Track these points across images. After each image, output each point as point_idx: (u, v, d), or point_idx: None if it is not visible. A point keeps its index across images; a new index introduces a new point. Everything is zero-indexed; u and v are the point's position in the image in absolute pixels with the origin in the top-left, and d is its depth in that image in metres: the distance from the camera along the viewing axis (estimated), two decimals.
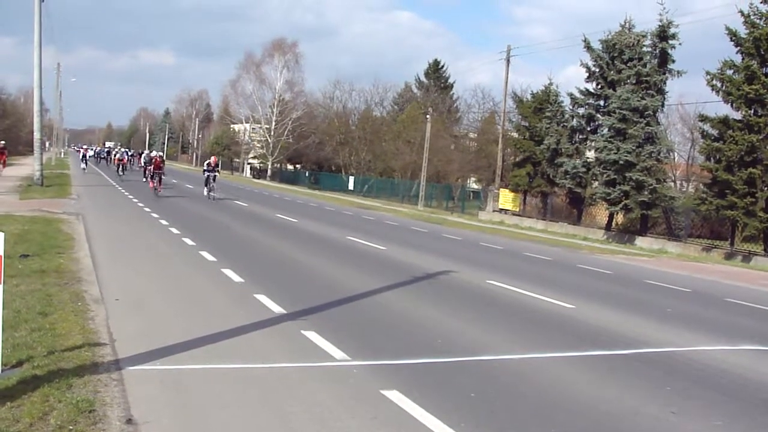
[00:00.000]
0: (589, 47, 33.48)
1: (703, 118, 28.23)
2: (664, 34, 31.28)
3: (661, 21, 31.20)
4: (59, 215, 16.84)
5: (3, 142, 38.21)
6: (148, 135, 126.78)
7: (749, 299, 13.45)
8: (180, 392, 5.21)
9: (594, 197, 32.62)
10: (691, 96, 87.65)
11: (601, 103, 33.57)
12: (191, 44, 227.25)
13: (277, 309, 8.14)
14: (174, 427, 4.57)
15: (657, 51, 31.62)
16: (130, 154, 58.62)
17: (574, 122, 35.17)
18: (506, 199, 38.61)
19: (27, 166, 41.89)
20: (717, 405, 5.93)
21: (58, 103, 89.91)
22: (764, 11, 25.49)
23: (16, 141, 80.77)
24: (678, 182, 45.39)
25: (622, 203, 30.05)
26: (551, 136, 35.16)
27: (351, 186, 54.88)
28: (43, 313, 6.79)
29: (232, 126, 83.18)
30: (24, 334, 6.03)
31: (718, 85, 26.42)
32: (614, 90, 31.49)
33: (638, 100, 30.11)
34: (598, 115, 33.46)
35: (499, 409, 5.32)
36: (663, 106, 32.47)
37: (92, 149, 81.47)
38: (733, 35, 26.12)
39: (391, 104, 67.25)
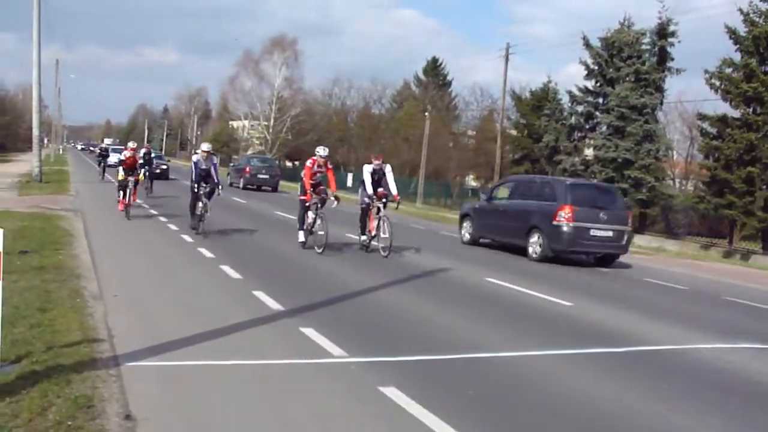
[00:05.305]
0: (588, 45, 33.47)
1: (702, 117, 28.25)
2: (663, 32, 31.29)
3: (660, 19, 31.22)
4: (58, 212, 16.83)
5: None
6: (146, 132, 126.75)
7: (747, 297, 13.46)
8: (179, 388, 5.22)
9: None
10: (691, 94, 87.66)
11: (600, 100, 33.58)
12: (193, 42, 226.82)
13: (275, 306, 8.14)
14: (173, 423, 4.58)
15: (656, 49, 31.63)
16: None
17: (573, 120, 35.17)
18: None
19: (26, 163, 41.87)
20: (714, 403, 5.95)
21: (57, 99, 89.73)
22: (764, 9, 25.50)
23: (14, 137, 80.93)
24: (677, 180, 45.42)
25: None
26: (550, 133, 35.17)
27: (350, 183, 54.83)
28: (41, 309, 6.79)
29: (230, 123, 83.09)
30: (23, 330, 6.03)
31: (717, 83, 26.44)
32: (613, 88, 31.50)
33: (637, 98, 30.13)
34: (597, 113, 33.46)
35: (497, 406, 5.33)
36: (662, 104, 32.52)
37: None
38: (732, 33, 26.13)
39: (389, 102, 67.26)
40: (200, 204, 14.37)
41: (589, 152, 34.31)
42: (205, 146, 15.03)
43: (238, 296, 8.72)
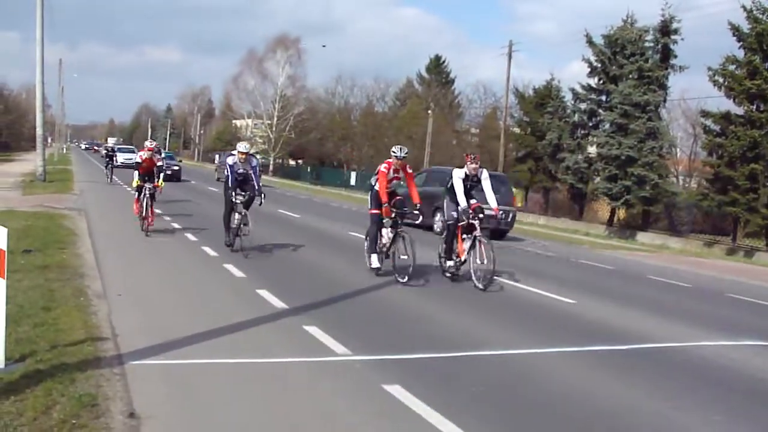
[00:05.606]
0: (591, 42, 33.47)
1: (705, 114, 28.24)
2: (666, 30, 31.29)
3: (663, 16, 31.22)
4: (62, 211, 16.86)
5: None
6: (150, 130, 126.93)
7: (751, 295, 13.45)
8: (182, 387, 5.23)
9: (596, 193, 32.66)
10: (694, 91, 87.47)
11: (603, 98, 33.60)
12: (196, 41, 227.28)
13: (279, 304, 8.15)
14: (176, 421, 4.60)
15: (659, 46, 31.63)
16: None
17: (576, 117, 35.19)
18: None
19: (29, 162, 41.93)
20: (717, 400, 5.95)
21: (60, 98, 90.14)
22: (767, 6, 25.47)
23: (18, 137, 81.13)
24: (680, 178, 45.34)
25: (624, 198, 30.08)
26: (553, 131, 35.18)
27: (353, 182, 54.82)
28: (45, 308, 6.82)
29: (233, 121, 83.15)
30: (27, 329, 6.06)
31: (720, 80, 26.44)
32: (616, 85, 31.50)
33: (640, 96, 30.11)
34: (600, 111, 33.47)
35: (500, 404, 5.34)
36: (665, 101, 32.51)
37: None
38: (735, 30, 26.11)
39: (392, 100, 67.27)
40: (237, 216, 12.22)
41: (592, 150, 34.31)
42: (243, 146, 12.49)
43: (241, 295, 8.73)
